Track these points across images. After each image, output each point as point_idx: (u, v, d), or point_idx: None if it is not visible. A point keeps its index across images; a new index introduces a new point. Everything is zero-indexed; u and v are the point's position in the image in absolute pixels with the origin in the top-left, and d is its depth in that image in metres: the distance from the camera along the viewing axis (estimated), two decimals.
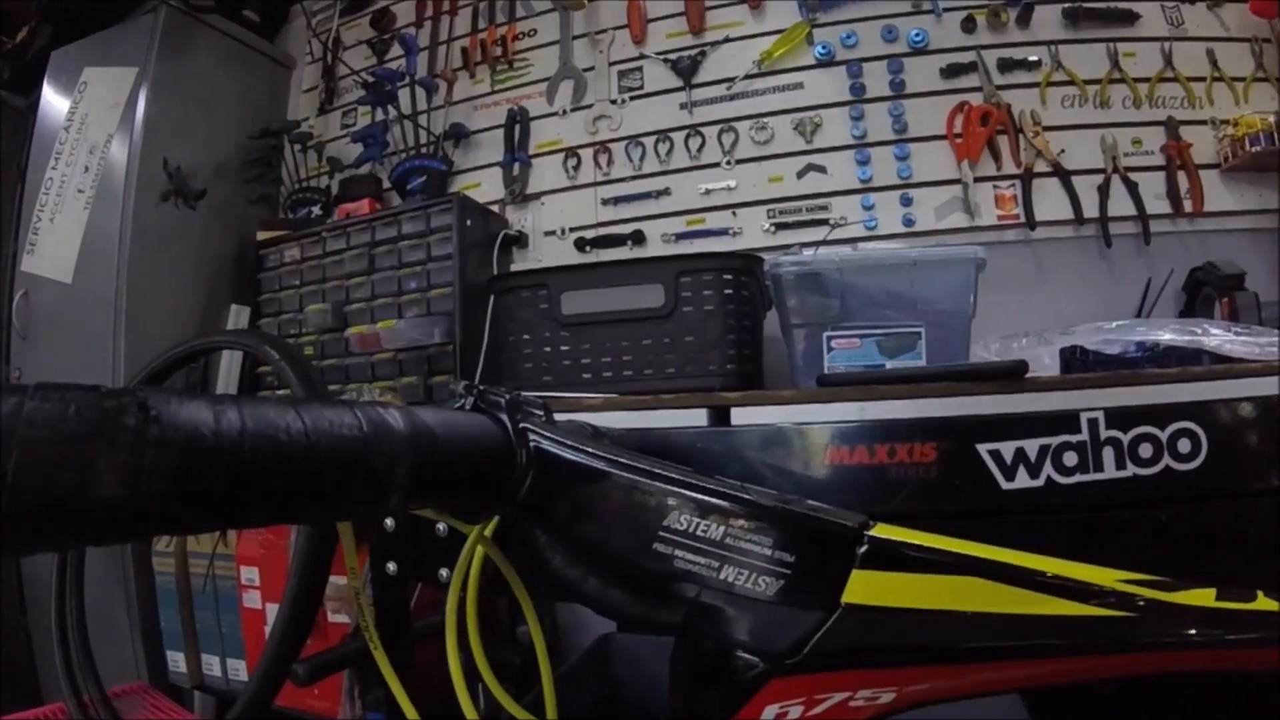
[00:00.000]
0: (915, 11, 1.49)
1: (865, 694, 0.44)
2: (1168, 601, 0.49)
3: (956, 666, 0.46)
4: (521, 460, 0.43)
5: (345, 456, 0.30)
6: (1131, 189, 1.44)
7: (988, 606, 0.46)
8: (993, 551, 0.50)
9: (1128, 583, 0.49)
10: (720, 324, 1.05)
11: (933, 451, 0.83)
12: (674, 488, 0.47)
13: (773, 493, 0.52)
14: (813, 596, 0.44)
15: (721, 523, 0.45)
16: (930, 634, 0.45)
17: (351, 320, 1.51)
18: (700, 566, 0.45)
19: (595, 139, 1.55)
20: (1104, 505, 0.83)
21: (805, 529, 0.46)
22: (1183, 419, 0.83)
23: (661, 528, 0.45)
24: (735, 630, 0.44)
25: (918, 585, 0.46)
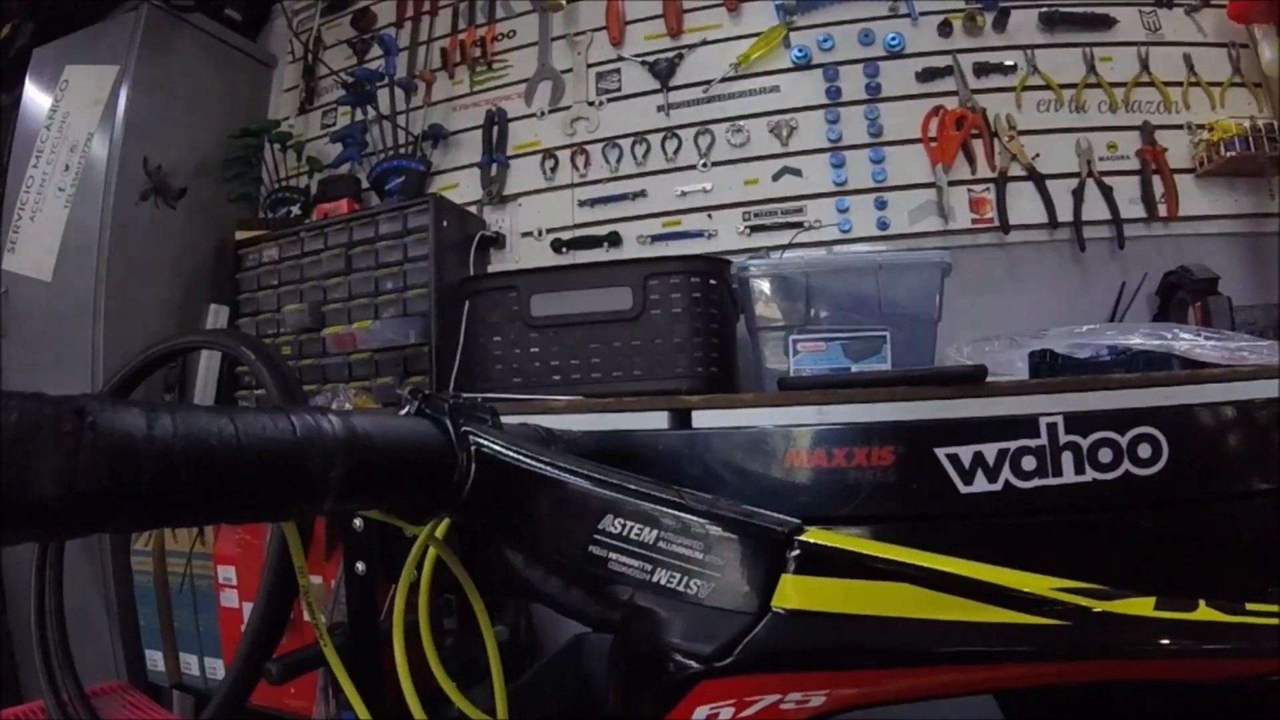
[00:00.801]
0: (892, 15, 1.50)
1: (796, 697, 0.44)
2: (1104, 611, 0.49)
3: (885, 671, 0.46)
4: (463, 463, 0.44)
5: (277, 460, 0.32)
6: (1106, 193, 1.44)
7: (917, 612, 0.46)
8: (924, 558, 0.51)
9: (1064, 591, 0.50)
10: (688, 327, 1.06)
11: (890, 455, 0.84)
12: (608, 491, 0.47)
13: (706, 497, 0.52)
14: (743, 600, 0.44)
15: (654, 526, 0.45)
16: (859, 639, 0.45)
17: (329, 320, 1.51)
18: (634, 569, 0.45)
19: (573, 140, 1.55)
20: (1062, 509, 0.84)
21: (735, 534, 0.46)
22: (1143, 424, 0.84)
23: (597, 531, 0.45)
24: (668, 632, 0.44)
25: (847, 590, 0.46)
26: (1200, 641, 0.48)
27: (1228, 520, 0.85)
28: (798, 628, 0.44)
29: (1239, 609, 0.49)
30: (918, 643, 0.45)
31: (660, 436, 0.90)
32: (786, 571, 0.44)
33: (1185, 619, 0.49)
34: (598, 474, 0.50)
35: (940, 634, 0.46)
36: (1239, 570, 0.85)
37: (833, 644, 0.44)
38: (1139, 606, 0.49)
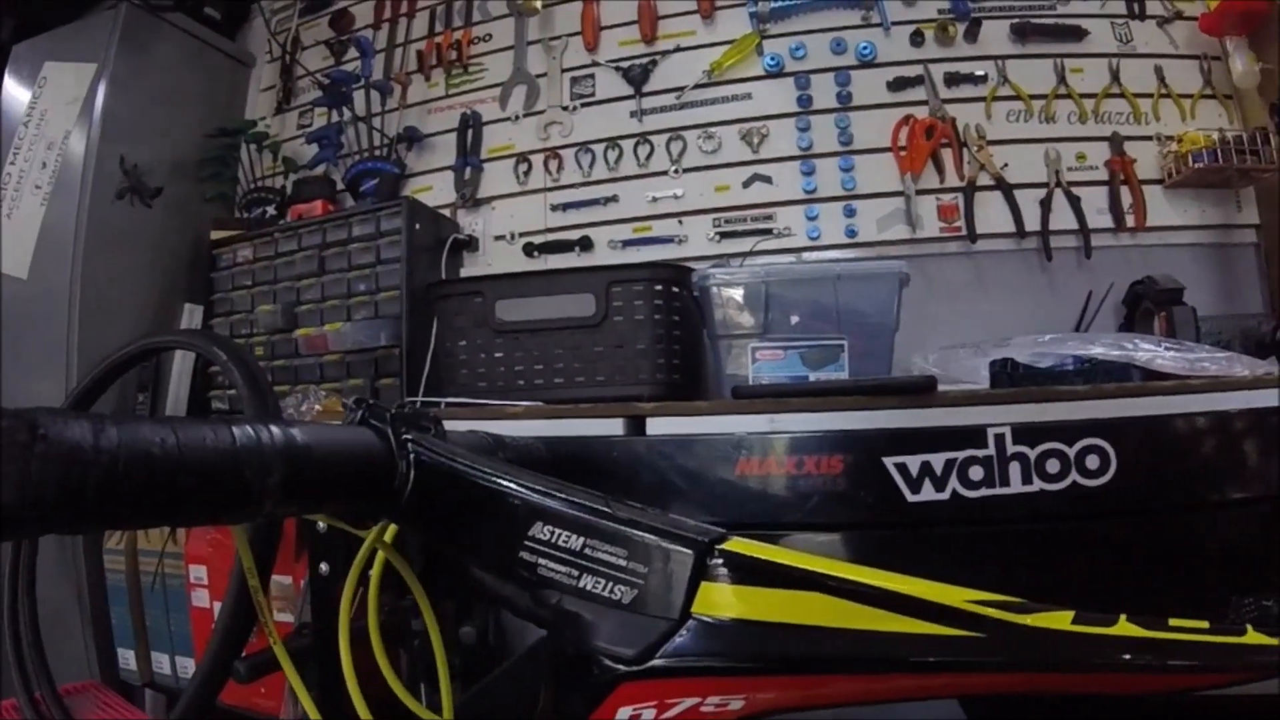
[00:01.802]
0: (864, 25, 1.51)
1: (715, 700, 0.45)
2: (1017, 623, 0.50)
3: (801, 678, 0.48)
4: (403, 470, 0.46)
5: (215, 468, 0.35)
6: (1074, 203, 1.46)
7: (832, 621, 0.47)
8: (842, 568, 0.52)
9: (978, 603, 0.51)
10: (650, 333, 1.07)
11: (840, 464, 0.85)
12: (537, 499, 0.49)
13: (634, 505, 0.54)
14: (664, 605, 0.46)
15: (581, 534, 0.47)
16: (775, 645, 0.46)
17: (301, 322, 1.52)
18: (561, 574, 0.47)
19: (546, 145, 1.55)
20: (1009, 519, 0.85)
21: (658, 542, 0.48)
22: (1091, 436, 0.85)
23: (527, 537, 0.48)
24: (593, 635, 0.46)
25: (765, 598, 0.47)
26: (1117, 656, 0.49)
27: (1177, 531, 0.86)
28: (716, 634, 0.46)
29: (1161, 624, 0.50)
30: (832, 650, 0.47)
31: (615, 443, 0.91)
32: (706, 579, 0.47)
33: (1102, 634, 0.50)
34: (528, 482, 0.52)
35: (854, 643, 0.47)
36: (1189, 581, 0.86)
37: (750, 650, 0.46)
38: (1055, 620, 0.51)
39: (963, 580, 0.89)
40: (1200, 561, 0.87)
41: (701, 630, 0.46)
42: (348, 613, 0.64)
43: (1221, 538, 0.87)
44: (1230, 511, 0.88)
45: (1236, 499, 0.88)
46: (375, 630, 0.62)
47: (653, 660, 0.45)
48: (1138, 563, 0.87)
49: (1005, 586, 0.88)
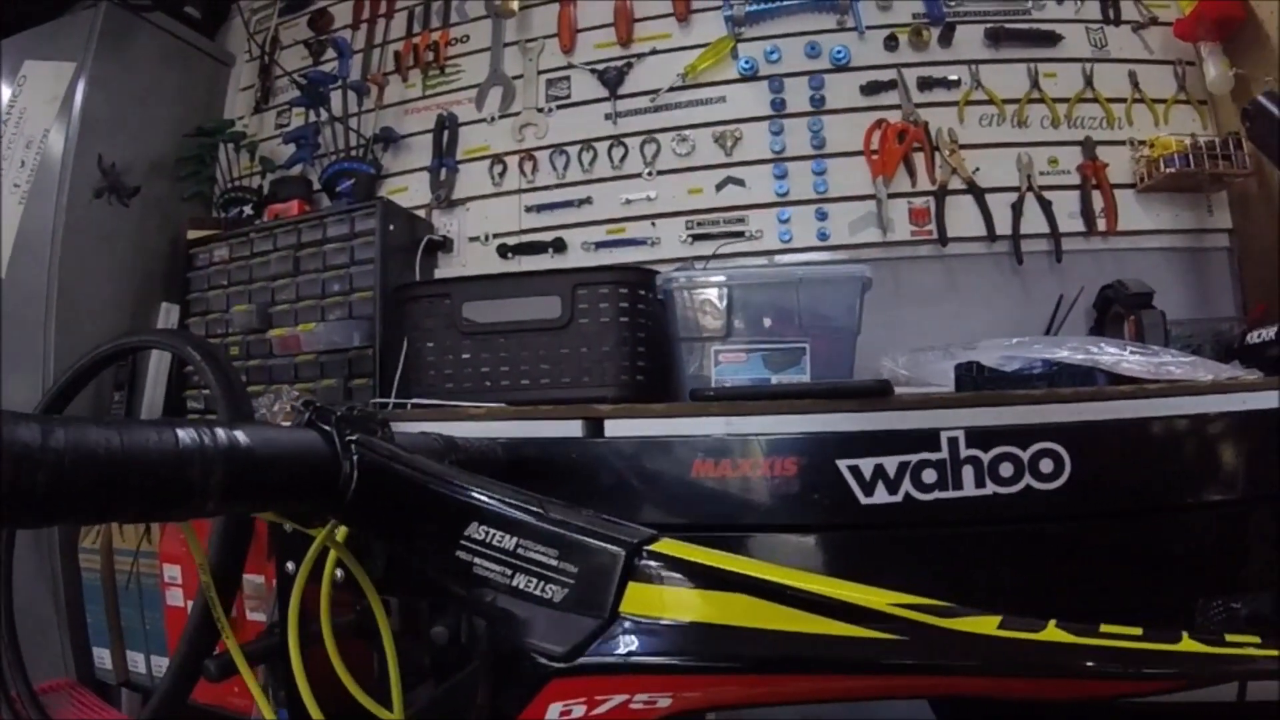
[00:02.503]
0: (839, 29, 1.51)
1: (643, 698, 0.46)
2: (940, 627, 0.51)
3: (725, 677, 0.48)
4: (346, 471, 0.48)
5: (159, 468, 0.37)
6: (1045, 207, 1.46)
7: (756, 622, 0.48)
8: (768, 570, 0.53)
9: (902, 606, 0.52)
10: (615, 336, 1.07)
11: (794, 466, 0.85)
12: (473, 500, 0.51)
13: (567, 506, 0.55)
14: (593, 604, 0.47)
15: (514, 534, 0.49)
16: (700, 645, 0.47)
17: (276, 322, 1.52)
18: (496, 574, 0.48)
19: (521, 146, 1.56)
20: (962, 522, 0.85)
21: (588, 542, 0.49)
22: (1045, 440, 0.85)
23: (463, 537, 0.49)
24: (525, 633, 0.47)
25: (690, 599, 0.48)
26: (1042, 662, 0.50)
27: (1133, 535, 0.87)
28: (643, 633, 0.47)
29: (1092, 631, 0.51)
30: (754, 651, 0.47)
31: (572, 445, 0.91)
32: (635, 579, 0.48)
33: (1028, 639, 0.50)
34: (464, 483, 0.53)
35: (776, 644, 0.48)
36: (1149, 584, 0.87)
37: (675, 649, 0.47)
38: (980, 625, 0.51)
39: (916, 582, 0.90)
40: (1160, 565, 0.88)
41: (629, 629, 0.47)
42: (295, 612, 0.66)
43: (1181, 541, 0.88)
44: (1188, 516, 0.88)
45: (1194, 503, 0.89)
46: (327, 628, 0.63)
47: (581, 658, 0.46)
48: (1094, 566, 0.88)
49: (959, 588, 0.89)
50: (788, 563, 0.86)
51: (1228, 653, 0.48)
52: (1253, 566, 0.91)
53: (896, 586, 0.88)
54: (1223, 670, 0.47)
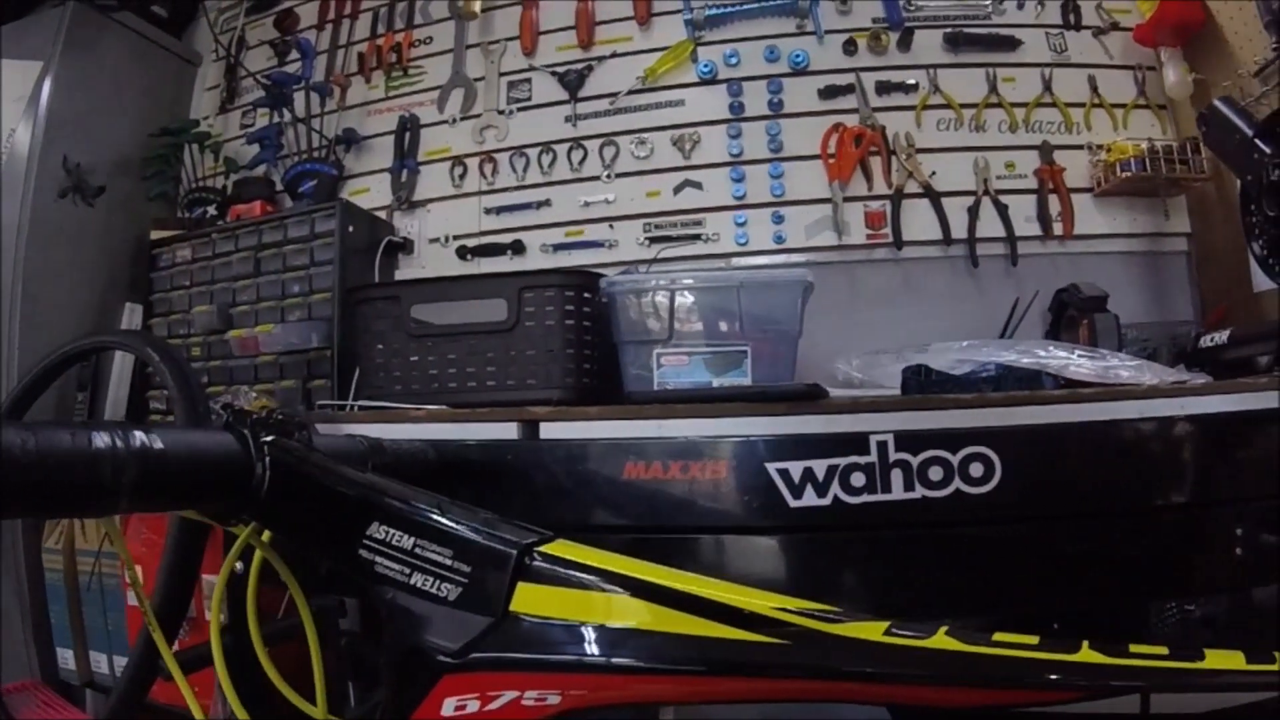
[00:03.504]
0: (799, 33, 1.52)
1: (533, 695, 0.48)
2: (824, 632, 0.52)
3: (612, 676, 0.49)
4: (259, 472, 0.50)
5: (73, 468, 0.39)
6: (1001, 211, 1.47)
7: (640, 623, 0.49)
8: (656, 573, 0.54)
9: (788, 611, 0.52)
10: (561, 338, 1.08)
11: (723, 469, 0.86)
12: (374, 500, 0.53)
13: (466, 507, 0.56)
14: (485, 603, 0.49)
15: (412, 534, 0.51)
16: (586, 644, 0.49)
17: (237, 323, 1.52)
18: (395, 572, 0.50)
19: (482, 148, 1.56)
20: (891, 525, 0.86)
21: (481, 542, 0.51)
22: (975, 444, 0.86)
23: (365, 536, 0.51)
24: (422, 630, 0.49)
25: (578, 600, 0.50)
26: (928, 669, 0.50)
27: (1068, 538, 0.87)
28: (531, 631, 0.49)
29: (983, 639, 0.51)
30: (639, 652, 0.49)
31: (507, 447, 0.92)
32: (524, 580, 0.50)
33: (914, 645, 0.51)
34: (367, 484, 0.55)
35: (660, 645, 0.49)
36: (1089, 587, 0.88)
37: (563, 648, 0.49)
38: (866, 630, 0.52)
39: (845, 585, 0.91)
40: (1096, 568, 0.88)
41: (518, 628, 0.49)
42: (218, 610, 0.67)
43: (1115, 545, 0.88)
44: (1121, 520, 0.88)
45: (1128, 508, 0.89)
46: (255, 627, 0.64)
47: (473, 655, 0.48)
48: (1027, 569, 0.88)
49: (890, 591, 0.90)
50: (719, 565, 0.88)
51: (1129, 664, 0.49)
52: (1193, 570, 0.91)
53: (825, 589, 0.89)
54: (1123, 682, 0.48)
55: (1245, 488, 0.89)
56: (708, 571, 0.85)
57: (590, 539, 0.79)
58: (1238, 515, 0.87)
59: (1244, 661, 0.48)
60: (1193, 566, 0.91)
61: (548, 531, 0.56)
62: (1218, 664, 0.48)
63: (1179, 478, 0.90)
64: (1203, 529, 0.89)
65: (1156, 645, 0.51)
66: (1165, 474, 0.90)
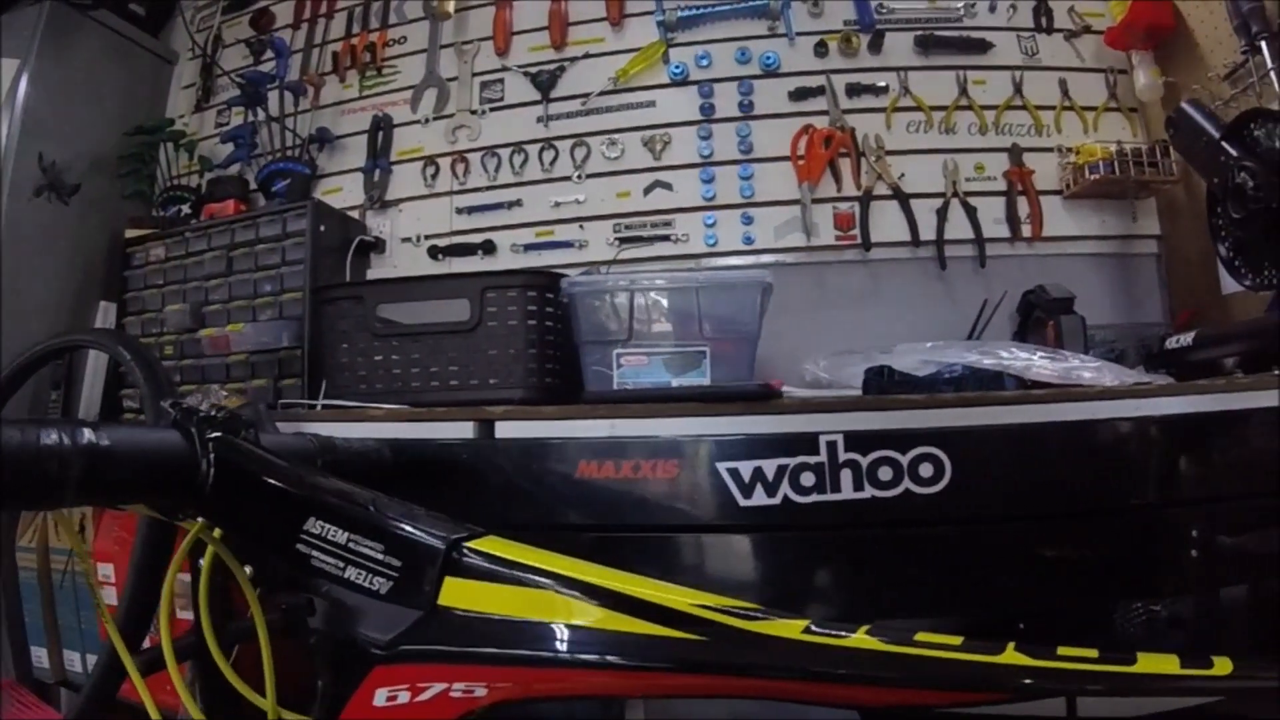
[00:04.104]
0: (770, 35, 1.52)
1: (461, 687, 0.49)
2: (742, 629, 0.52)
3: (537, 670, 0.51)
4: (204, 469, 0.51)
5: (21, 464, 0.41)
6: (970, 213, 1.48)
7: (563, 619, 0.51)
8: (582, 569, 0.55)
9: (707, 608, 0.53)
10: (523, 338, 1.08)
11: (675, 468, 0.87)
12: (311, 496, 0.54)
13: (399, 503, 0.58)
14: (415, 597, 0.50)
15: (346, 529, 0.52)
16: (510, 639, 0.50)
17: (209, 322, 1.52)
18: (330, 566, 0.52)
19: (454, 148, 1.56)
20: (840, 525, 0.87)
21: (411, 538, 0.52)
22: (925, 444, 0.87)
23: (302, 531, 0.53)
24: (355, 622, 0.51)
25: (503, 595, 0.51)
26: (845, 668, 0.51)
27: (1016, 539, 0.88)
28: (458, 625, 0.50)
29: (905, 639, 0.52)
30: (562, 646, 0.50)
31: (463, 446, 0.93)
32: (452, 574, 0.51)
33: (833, 644, 0.52)
34: (305, 480, 0.57)
35: (582, 640, 0.50)
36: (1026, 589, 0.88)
37: (489, 642, 0.50)
38: (785, 629, 0.53)
39: (795, 584, 0.91)
40: (1052, 569, 0.88)
41: (446, 621, 0.50)
42: (168, 605, 0.68)
43: (1067, 546, 0.89)
44: (1078, 521, 0.88)
45: (1084, 509, 0.89)
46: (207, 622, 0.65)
47: (403, 647, 0.50)
48: (980, 569, 0.89)
49: (837, 590, 0.91)
50: (671, 563, 0.88)
51: (1054, 666, 0.49)
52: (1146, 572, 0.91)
53: (775, 588, 0.89)
54: (1046, 684, 0.49)
55: (1198, 490, 0.89)
56: (659, 570, 0.85)
57: (544, 537, 0.79)
58: (1192, 518, 0.88)
59: (1178, 666, 0.48)
60: (1145, 569, 0.90)
61: (479, 528, 0.57)
62: (1150, 668, 0.48)
63: (1131, 480, 0.91)
64: (1156, 531, 0.89)
65: (1087, 648, 0.51)
66: (1117, 476, 0.90)
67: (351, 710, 0.51)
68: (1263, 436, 0.90)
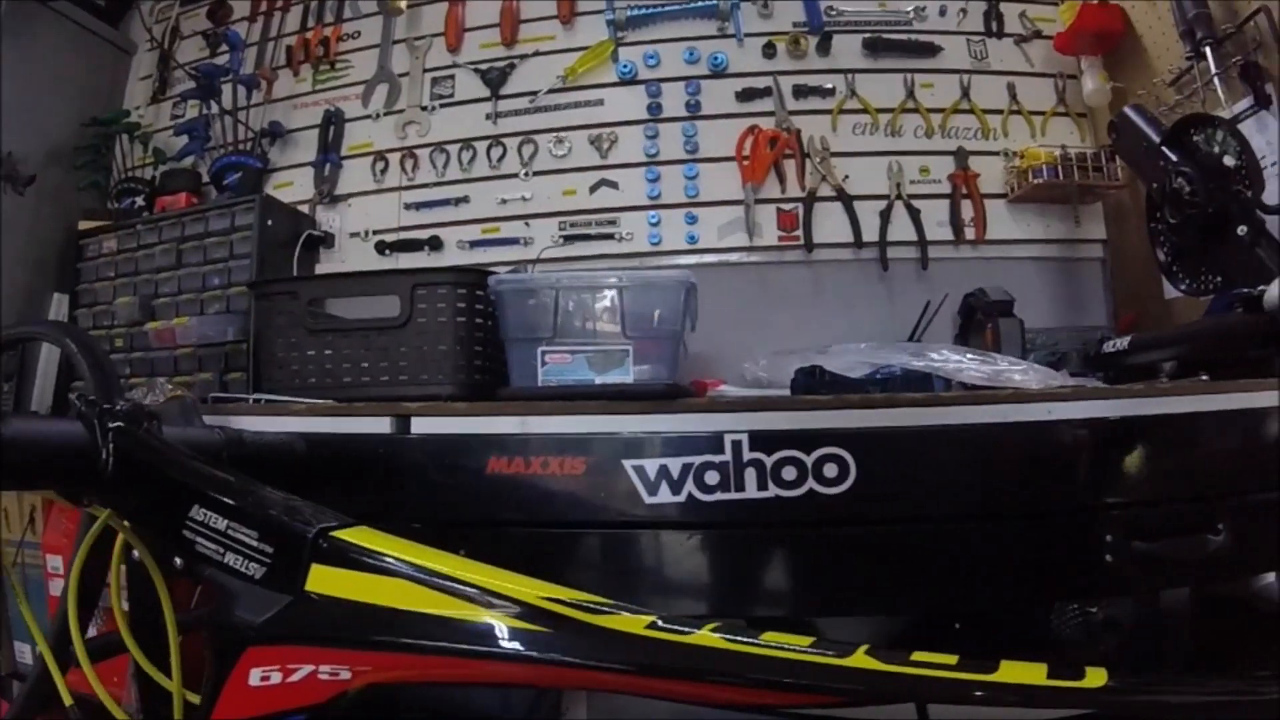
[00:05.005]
0: (720, 35, 1.53)
1: (327, 669, 0.52)
2: (587, 623, 0.54)
3: (394, 655, 0.53)
4: (104, 458, 0.55)
5: None
6: (914, 215, 1.50)
7: (417, 606, 0.53)
8: (439, 560, 0.57)
9: (555, 601, 0.55)
10: (453, 335, 1.09)
11: (581, 465, 0.88)
12: (196, 485, 0.58)
13: (275, 493, 0.60)
14: (286, 582, 0.53)
15: (225, 516, 0.55)
16: (369, 624, 0.52)
17: (159, 315, 1.53)
18: (211, 551, 0.55)
19: (404, 144, 1.57)
20: (744, 523, 0.88)
21: (282, 525, 0.55)
22: (829, 445, 0.88)
23: (188, 518, 0.56)
24: (233, 605, 0.54)
25: (365, 582, 0.54)
26: (686, 664, 0.53)
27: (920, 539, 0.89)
28: (323, 610, 0.53)
29: (751, 639, 0.54)
30: (415, 633, 0.52)
31: (379, 441, 0.94)
32: (318, 562, 0.54)
33: (675, 641, 0.54)
34: (192, 470, 0.60)
35: (432, 627, 0.52)
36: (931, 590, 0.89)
37: (348, 626, 0.52)
38: (630, 624, 0.55)
39: (697, 581, 0.93)
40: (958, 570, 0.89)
41: (311, 606, 0.53)
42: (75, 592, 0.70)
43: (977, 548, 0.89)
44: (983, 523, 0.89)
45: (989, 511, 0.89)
46: (118, 607, 0.67)
47: (274, 630, 0.52)
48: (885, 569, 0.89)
49: (740, 588, 0.92)
50: (576, 559, 0.90)
51: (904, 672, 0.50)
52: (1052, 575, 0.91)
53: (678, 585, 0.91)
54: (894, 690, 0.50)
55: (1109, 495, 0.89)
56: (566, 566, 0.88)
57: (455, 532, 0.82)
58: (1104, 522, 0.88)
59: (1044, 677, 0.48)
60: (1055, 572, 0.91)
61: (350, 519, 0.59)
62: (1011, 677, 0.49)
63: (1039, 483, 0.91)
64: (1066, 535, 0.89)
65: (948, 655, 0.52)
66: (1024, 479, 0.91)
67: (230, 688, 0.53)
68: (1174, 443, 0.91)
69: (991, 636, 1.27)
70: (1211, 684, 0.52)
